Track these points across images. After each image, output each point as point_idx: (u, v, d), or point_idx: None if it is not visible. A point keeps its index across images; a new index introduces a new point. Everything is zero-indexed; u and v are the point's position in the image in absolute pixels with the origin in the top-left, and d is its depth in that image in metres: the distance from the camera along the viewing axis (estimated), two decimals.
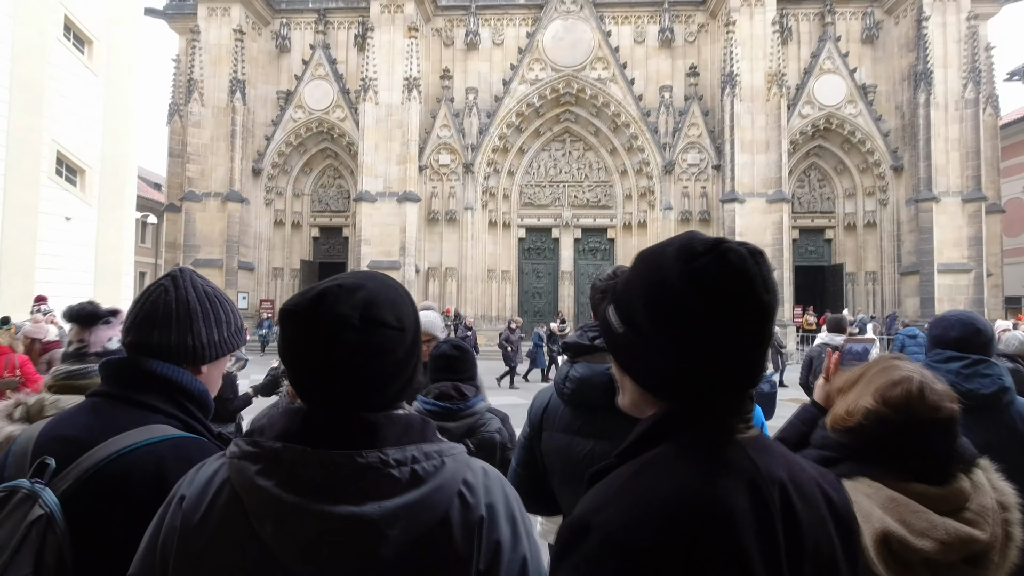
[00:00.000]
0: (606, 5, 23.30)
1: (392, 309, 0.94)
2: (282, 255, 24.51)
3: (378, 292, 0.95)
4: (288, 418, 0.95)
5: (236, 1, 22.65)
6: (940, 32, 21.20)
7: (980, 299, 20.93)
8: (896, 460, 1.28)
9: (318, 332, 0.90)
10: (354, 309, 0.90)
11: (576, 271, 24.55)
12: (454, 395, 2.41)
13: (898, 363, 1.38)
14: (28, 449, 1.20)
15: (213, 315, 1.35)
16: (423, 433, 0.96)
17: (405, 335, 0.95)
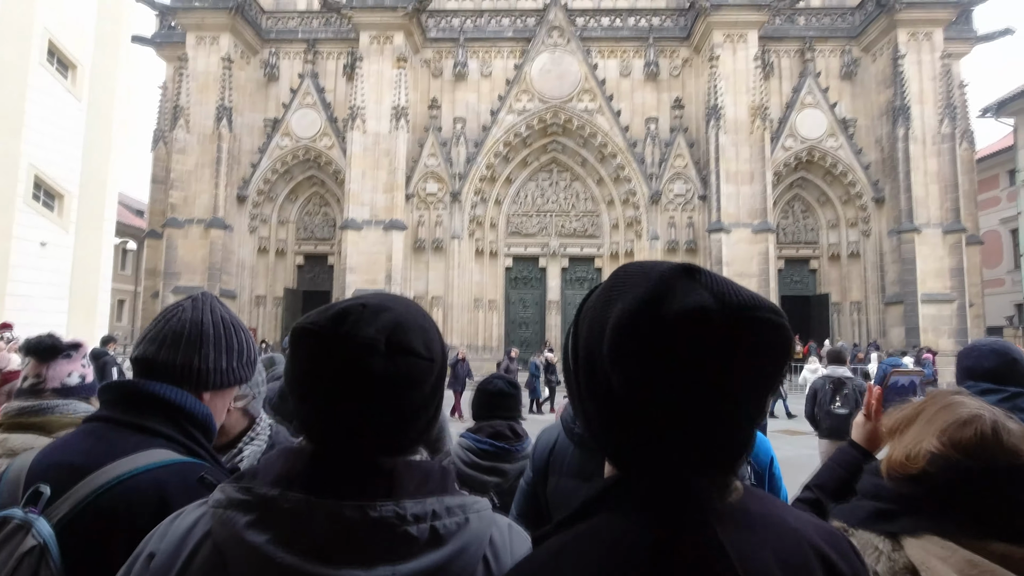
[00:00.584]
0: (592, 39, 23.72)
1: (421, 336, 0.83)
2: (265, 283, 24.12)
3: (406, 316, 0.84)
4: (289, 459, 0.80)
5: (225, 30, 22.74)
6: (916, 70, 21.83)
7: (963, 329, 21.11)
8: (971, 514, 1.09)
9: (338, 356, 0.78)
10: (380, 332, 0.79)
11: (563, 300, 24.43)
12: (509, 435, 2.31)
13: (961, 398, 1.20)
14: (21, 477, 1.13)
15: (225, 341, 1.30)
16: (443, 483, 0.82)
17: (433, 366, 0.84)
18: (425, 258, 23.16)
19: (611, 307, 0.71)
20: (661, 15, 24.15)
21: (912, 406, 1.27)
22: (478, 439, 2.27)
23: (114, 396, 1.25)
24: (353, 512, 0.74)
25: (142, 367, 1.25)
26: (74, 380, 2.01)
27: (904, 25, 21.73)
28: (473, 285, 23.60)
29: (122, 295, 36.58)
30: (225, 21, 22.56)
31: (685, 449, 0.68)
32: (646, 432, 0.69)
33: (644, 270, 0.73)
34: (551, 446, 1.59)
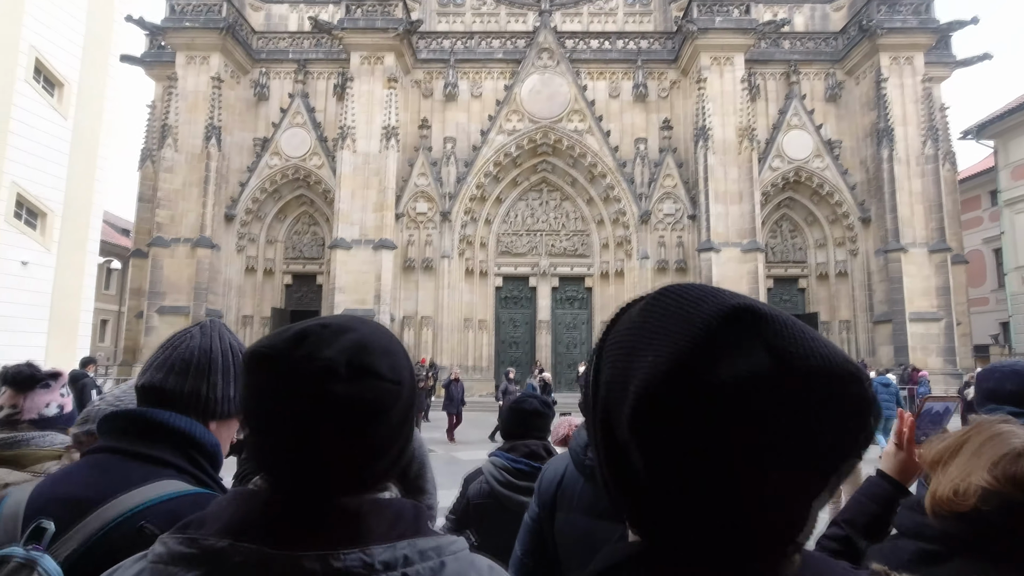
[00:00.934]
0: (582, 61, 23.99)
1: (387, 358, 0.75)
2: (253, 302, 23.82)
3: (370, 337, 0.76)
4: (241, 504, 0.70)
5: (216, 50, 22.74)
6: (898, 93, 22.26)
7: (951, 347, 21.27)
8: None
9: (295, 381, 0.69)
10: (341, 354, 0.71)
11: (553, 320, 24.33)
12: (544, 455, 2.29)
13: (1010, 427, 1.11)
14: (19, 512, 1.07)
15: (234, 369, 1.28)
16: (416, 524, 0.73)
17: (401, 391, 0.75)
18: (415, 278, 23.02)
19: (637, 357, 0.55)
20: (649, 38, 24.52)
21: (955, 436, 1.17)
22: (513, 458, 2.24)
23: (119, 425, 1.20)
24: (314, 564, 0.65)
25: (148, 395, 1.21)
26: (52, 411, 1.95)
27: (886, 50, 22.20)
28: (463, 305, 23.46)
29: (106, 315, 35.99)
30: (215, 41, 22.58)
31: (731, 535, 0.54)
32: (678, 515, 0.55)
33: (685, 312, 0.56)
34: (559, 478, 1.46)
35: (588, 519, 1.34)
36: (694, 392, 0.51)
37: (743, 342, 0.52)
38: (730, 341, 0.52)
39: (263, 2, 25.77)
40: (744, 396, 0.50)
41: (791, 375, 0.51)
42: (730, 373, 0.51)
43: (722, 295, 0.57)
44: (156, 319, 21.50)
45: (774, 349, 0.52)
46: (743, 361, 0.51)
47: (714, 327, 0.53)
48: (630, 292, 22.96)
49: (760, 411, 0.51)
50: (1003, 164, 26.53)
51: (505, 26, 25.92)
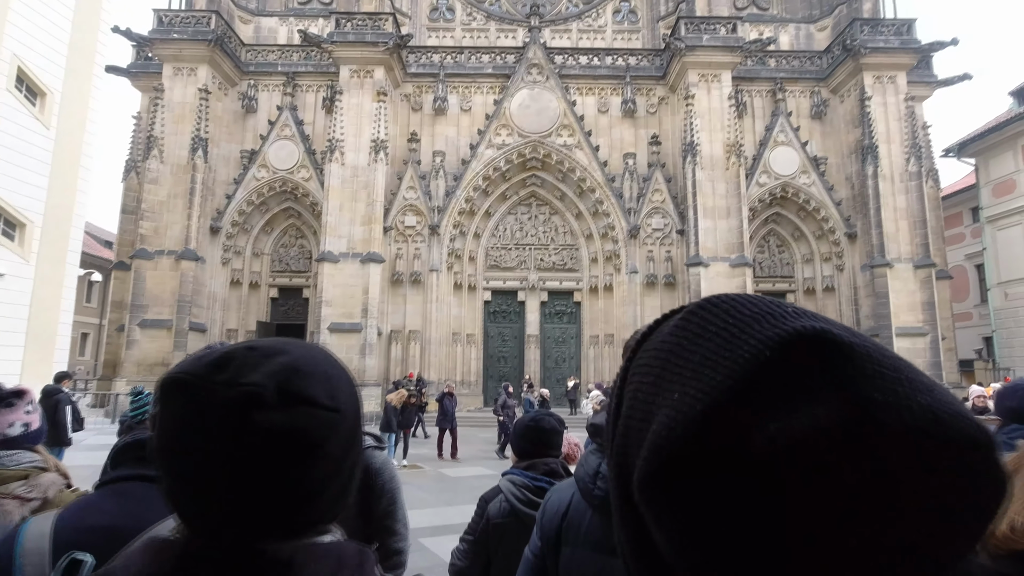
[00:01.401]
0: (571, 77, 24.15)
1: (324, 383, 0.66)
2: (238, 316, 23.46)
3: (305, 359, 0.67)
4: (154, 555, 0.61)
5: (204, 62, 22.60)
6: (882, 111, 22.62)
7: (937, 362, 21.41)
8: None
9: (214, 411, 0.59)
10: (269, 378, 0.62)
11: (542, 335, 24.22)
12: (563, 473, 2.29)
13: None
14: (44, 546, 1.03)
15: None
16: (361, 570, 0.65)
17: (340, 419, 0.66)
18: (403, 291, 22.83)
19: (662, 393, 0.42)
20: (637, 55, 24.77)
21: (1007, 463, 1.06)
22: (535, 477, 2.23)
23: (142, 455, 1.18)
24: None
25: None
26: (16, 430, 1.90)
27: (869, 69, 22.59)
28: (451, 319, 23.29)
29: (86, 328, 35.33)
30: (204, 53, 22.45)
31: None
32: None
33: (730, 335, 0.41)
34: (564, 509, 1.33)
35: (597, 556, 1.21)
36: (731, 452, 0.37)
37: (809, 383, 0.38)
38: (790, 381, 0.38)
39: (252, 15, 25.72)
40: (805, 461, 0.36)
41: (878, 434, 0.36)
42: (786, 428, 0.37)
43: (783, 314, 0.41)
44: (138, 332, 21.08)
45: (854, 396, 0.37)
46: (806, 410, 0.37)
47: (769, 359, 0.39)
48: (619, 307, 22.96)
49: (828, 484, 0.36)
50: (984, 181, 27.01)
51: (495, 42, 26.07)
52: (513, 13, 26.86)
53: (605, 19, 26.93)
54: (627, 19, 27.10)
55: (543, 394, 16.84)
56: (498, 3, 27.26)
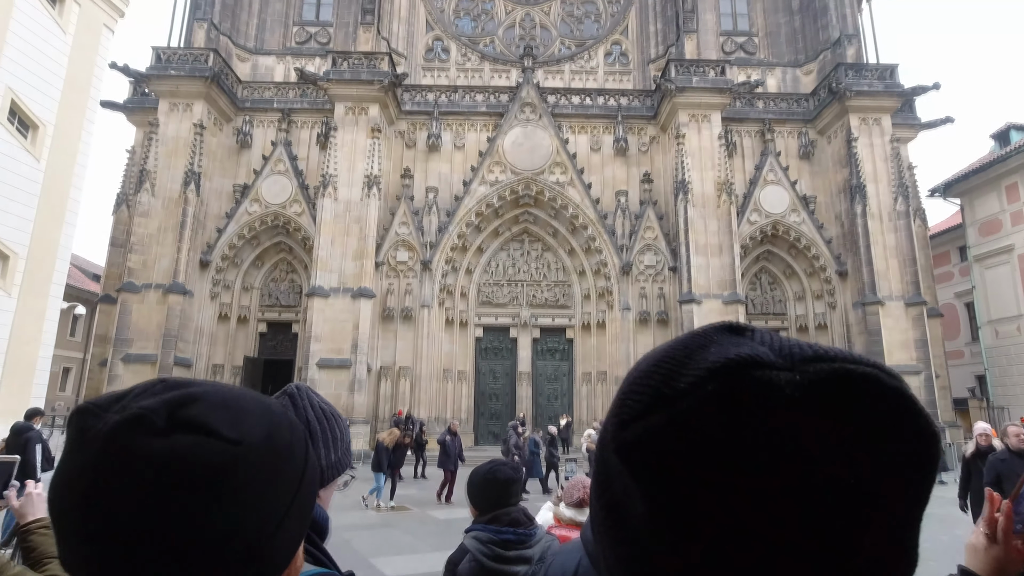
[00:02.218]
0: (564, 116, 24.52)
1: (227, 413, 0.56)
2: (224, 351, 23.04)
3: (211, 390, 0.59)
4: None
5: (200, 98, 22.77)
6: (868, 151, 23.04)
7: (932, 400, 21.23)
8: None
9: (97, 437, 0.52)
10: (163, 403, 0.55)
11: (534, 372, 23.92)
12: (526, 520, 2.32)
13: None
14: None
15: (330, 434, 1.30)
16: None
17: (245, 455, 0.55)
18: (393, 327, 22.56)
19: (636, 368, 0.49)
20: (629, 96, 25.25)
21: None
22: (499, 530, 2.20)
23: None
24: None
25: None
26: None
27: (855, 111, 23.11)
28: (442, 355, 22.98)
29: (68, 363, 34.60)
30: (200, 89, 22.64)
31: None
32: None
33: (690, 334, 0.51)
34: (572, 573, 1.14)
35: None
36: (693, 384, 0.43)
37: (736, 341, 0.47)
38: (722, 339, 0.47)
39: (250, 54, 26.10)
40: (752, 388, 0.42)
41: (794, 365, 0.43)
42: (731, 354, 0.44)
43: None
44: (121, 367, 20.59)
45: (772, 345, 0.46)
46: (740, 348, 0.45)
47: (707, 330, 0.49)
48: (612, 344, 22.77)
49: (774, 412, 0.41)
50: (970, 221, 27.42)
51: (489, 81, 26.54)
52: (507, 54, 27.44)
53: (597, 61, 27.55)
54: (618, 61, 27.74)
55: (552, 432, 16.30)
56: (492, 45, 27.86)
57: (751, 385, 0.41)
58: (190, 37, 24.51)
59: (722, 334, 0.48)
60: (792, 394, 0.40)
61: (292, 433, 0.62)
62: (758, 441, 0.39)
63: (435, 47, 27.66)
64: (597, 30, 28.13)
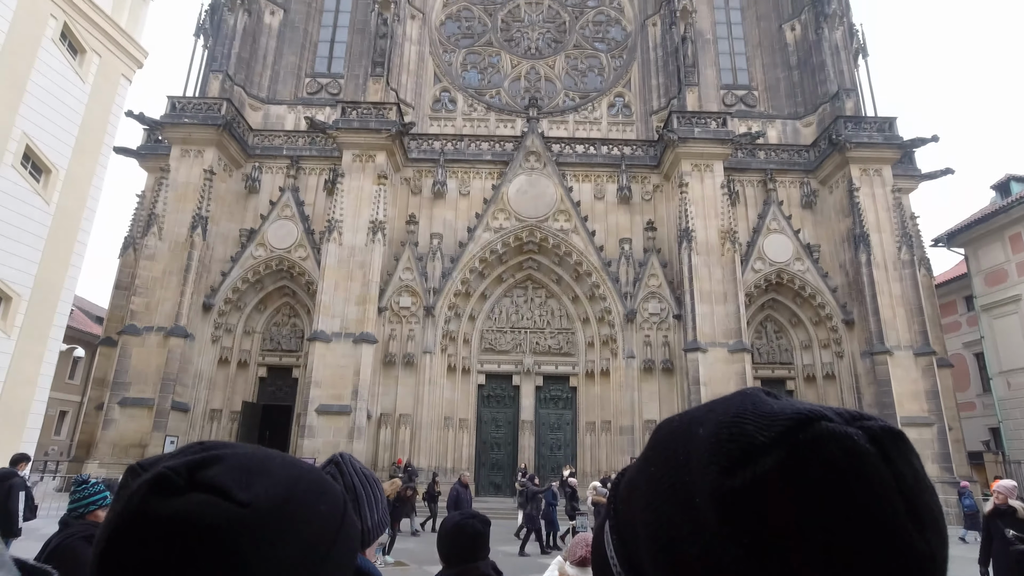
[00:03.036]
0: (568, 164, 24.87)
1: (245, 476, 0.57)
2: (223, 396, 22.73)
3: (241, 455, 0.60)
4: None
5: (211, 145, 23.25)
6: (871, 201, 23.18)
7: (946, 454, 20.64)
8: None
9: (125, 496, 0.56)
10: (186, 465, 0.57)
11: (537, 420, 23.45)
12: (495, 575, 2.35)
13: None
14: None
15: (373, 497, 1.41)
16: None
17: (248, 519, 0.54)
18: (395, 373, 22.28)
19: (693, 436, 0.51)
20: (632, 145, 25.68)
21: None
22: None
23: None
24: None
25: None
26: None
27: (855, 162, 23.38)
28: (444, 402, 22.60)
29: (65, 406, 34.21)
30: (212, 136, 23.15)
31: None
32: None
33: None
34: None
35: None
36: (714, 499, 0.46)
37: (757, 448, 0.48)
38: (748, 445, 0.48)
39: (262, 103, 26.82)
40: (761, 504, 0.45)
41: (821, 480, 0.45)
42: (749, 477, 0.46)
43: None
44: (117, 411, 20.29)
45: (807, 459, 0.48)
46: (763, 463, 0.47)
47: (723, 429, 0.50)
48: (616, 392, 22.39)
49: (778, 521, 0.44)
50: (975, 271, 27.32)
51: (494, 130, 27.09)
52: (512, 105, 28.11)
53: (600, 112, 28.18)
54: (621, 112, 28.36)
55: (572, 484, 15.68)
56: (498, 96, 28.59)
57: (836, 435, 0.45)
58: (205, 87, 25.24)
59: (764, 395, 0.51)
60: (864, 444, 0.45)
61: (322, 498, 0.62)
62: (859, 487, 0.44)
63: (442, 98, 28.39)
64: (600, 83, 28.88)
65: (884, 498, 0.43)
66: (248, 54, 26.48)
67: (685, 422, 0.53)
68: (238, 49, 25.85)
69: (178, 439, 20.45)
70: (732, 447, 0.46)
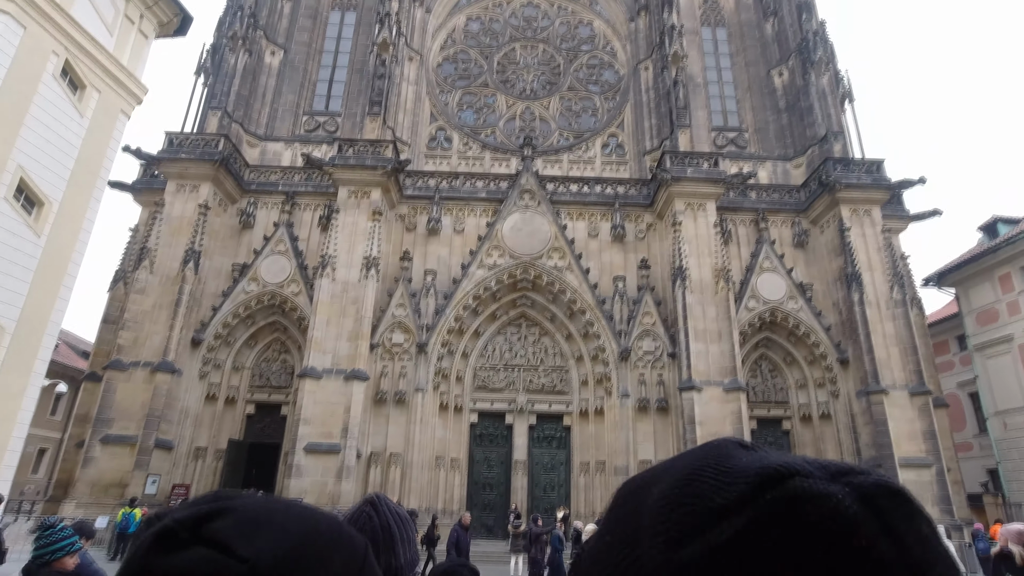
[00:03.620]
0: (562, 203, 25.07)
1: (251, 529, 0.55)
2: (209, 433, 22.17)
3: (251, 506, 0.58)
4: None
5: (207, 180, 23.30)
6: (861, 241, 23.41)
7: (945, 496, 20.32)
8: None
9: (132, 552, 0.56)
10: (193, 517, 0.56)
11: (530, 460, 22.99)
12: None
13: None
14: None
15: (406, 535, 1.48)
16: None
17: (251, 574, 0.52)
18: (386, 411, 21.88)
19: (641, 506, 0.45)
20: (625, 184, 25.99)
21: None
22: None
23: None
24: None
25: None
26: None
27: (846, 202, 23.71)
28: (435, 441, 22.14)
29: (45, 443, 33.28)
30: (208, 172, 23.23)
31: None
32: None
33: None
34: None
35: None
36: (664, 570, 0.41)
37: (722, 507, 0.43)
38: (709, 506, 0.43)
39: (260, 140, 27.06)
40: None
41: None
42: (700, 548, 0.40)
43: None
44: (98, 449, 19.71)
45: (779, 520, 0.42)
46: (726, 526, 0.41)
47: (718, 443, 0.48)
48: (611, 432, 22.04)
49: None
50: (967, 310, 27.48)
51: (489, 169, 27.38)
52: (507, 144, 28.51)
53: (594, 151, 28.61)
54: (615, 152, 28.81)
55: (577, 527, 15.12)
56: (493, 135, 29.02)
57: (814, 495, 0.37)
58: (204, 123, 25.48)
59: (737, 447, 0.45)
60: (850, 505, 0.37)
61: (337, 552, 0.59)
62: (834, 554, 0.36)
63: (438, 136, 28.78)
64: (594, 123, 29.42)
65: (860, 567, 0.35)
66: (248, 92, 26.85)
67: (645, 480, 0.45)
68: (238, 87, 26.23)
69: (160, 478, 19.83)
70: (682, 512, 0.38)
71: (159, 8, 18.17)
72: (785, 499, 0.37)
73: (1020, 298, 25.36)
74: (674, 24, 27.39)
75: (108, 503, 18.80)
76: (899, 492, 0.39)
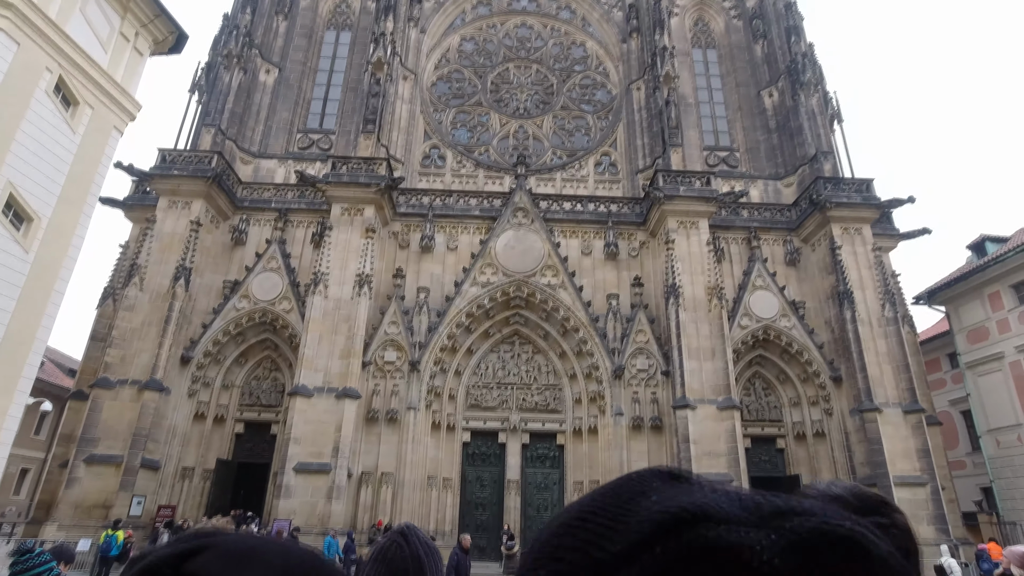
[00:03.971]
0: (555, 221, 25.14)
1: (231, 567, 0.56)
2: (197, 453, 21.79)
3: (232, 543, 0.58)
4: None
5: (199, 197, 23.21)
6: (852, 259, 23.58)
7: (941, 515, 20.22)
8: None
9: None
10: (175, 555, 0.56)
11: (524, 480, 22.72)
12: None
13: None
14: None
15: (435, 563, 1.53)
16: None
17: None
18: (377, 430, 21.61)
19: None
20: (619, 203, 26.12)
21: None
22: None
23: None
24: None
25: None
26: None
27: (836, 221, 23.92)
28: (427, 460, 21.86)
29: (28, 463, 32.61)
30: (201, 188, 23.14)
31: None
32: None
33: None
34: None
35: None
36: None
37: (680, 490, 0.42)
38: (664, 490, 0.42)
39: (253, 157, 27.05)
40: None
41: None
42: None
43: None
44: (82, 469, 19.30)
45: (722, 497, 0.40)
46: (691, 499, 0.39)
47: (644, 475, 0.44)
48: (605, 451, 21.85)
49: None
50: (957, 328, 27.63)
51: (482, 187, 27.46)
52: (501, 162, 28.64)
53: (587, 170, 28.79)
54: (608, 171, 29.00)
55: None
56: (487, 153, 29.16)
57: (717, 544, 0.30)
58: (197, 140, 25.46)
59: (661, 480, 0.39)
60: (771, 559, 0.29)
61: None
62: None
63: (432, 154, 28.89)
64: (587, 142, 29.65)
65: None
66: (242, 109, 26.90)
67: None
68: (232, 104, 26.27)
69: (145, 499, 19.41)
70: (558, 568, 0.32)
71: (154, 26, 18.23)
72: (685, 550, 0.30)
73: (1010, 316, 25.55)
74: (666, 45, 27.81)
75: (91, 525, 18.35)
76: (846, 539, 0.30)
